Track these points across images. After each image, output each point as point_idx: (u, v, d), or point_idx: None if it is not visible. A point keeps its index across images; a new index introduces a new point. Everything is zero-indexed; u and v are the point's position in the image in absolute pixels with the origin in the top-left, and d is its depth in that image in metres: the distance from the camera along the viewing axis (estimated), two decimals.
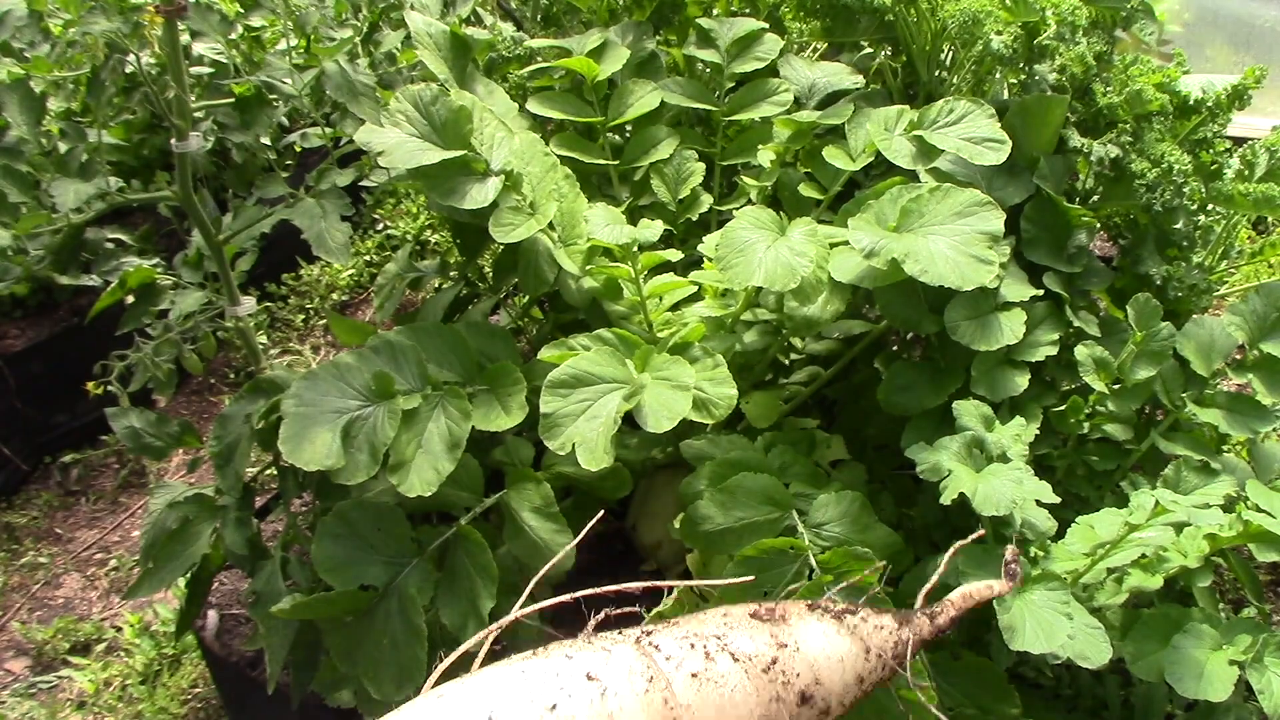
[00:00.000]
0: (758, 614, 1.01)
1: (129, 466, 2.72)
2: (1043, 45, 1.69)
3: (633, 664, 0.91)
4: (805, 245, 1.41)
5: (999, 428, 1.44)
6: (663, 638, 0.95)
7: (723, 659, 0.94)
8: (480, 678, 0.89)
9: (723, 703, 0.92)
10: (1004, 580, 1.15)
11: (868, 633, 1.04)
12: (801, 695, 0.97)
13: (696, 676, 0.92)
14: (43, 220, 1.71)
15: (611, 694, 0.88)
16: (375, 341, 1.44)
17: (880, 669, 1.04)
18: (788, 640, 0.99)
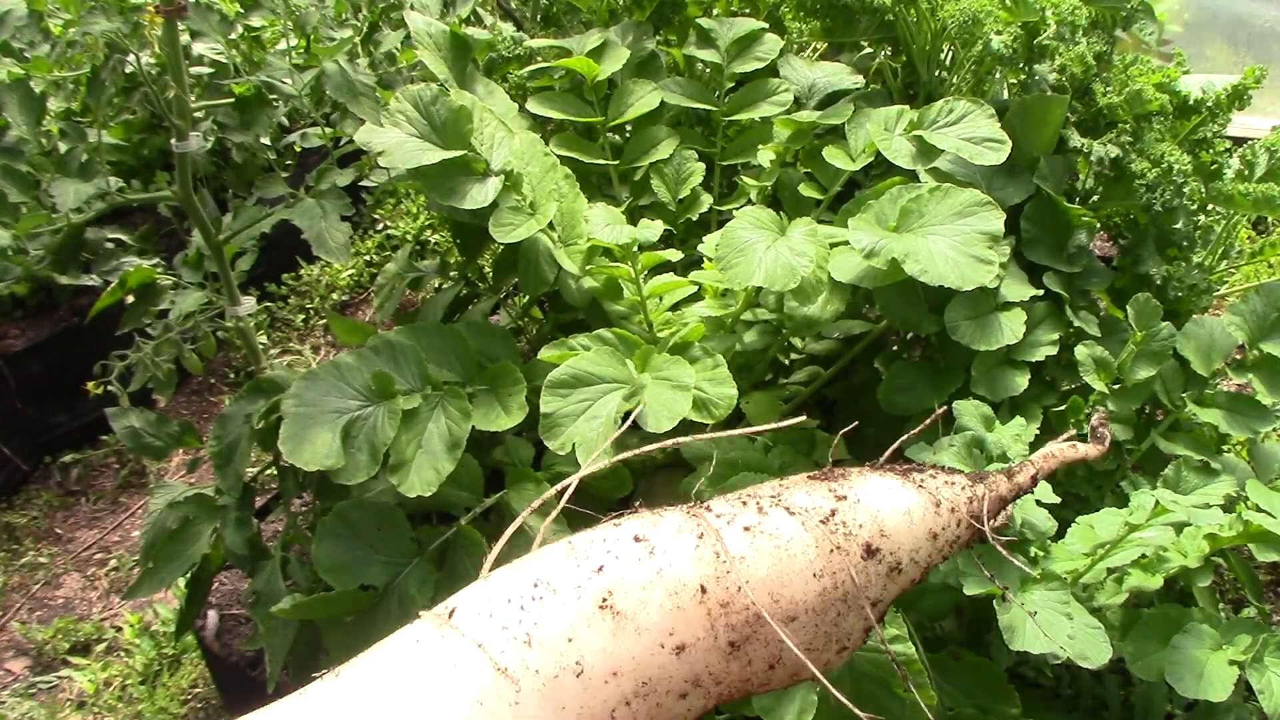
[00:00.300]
0: (815, 475, 0.95)
1: (129, 466, 2.72)
2: (1043, 45, 1.69)
3: (681, 523, 0.87)
4: (805, 245, 1.41)
5: (999, 428, 1.44)
6: (714, 501, 0.92)
7: (777, 513, 0.89)
8: (528, 557, 0.87)
9: (778, 554, 0.86)
10: (1093, 444, 1.06)
11: (937, 487, 0.96)
12: (866, 547, 0.90)
13: (749, 529, 0.87)
14: (43, 220, 1.71)
15: (660, 551, 0.84)
16: (375, 341, 1.44)
17: (955, 525, 0.96)
18: (847, 493, 0.92)
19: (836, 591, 0.87)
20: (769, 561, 0.85)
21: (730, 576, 0.83)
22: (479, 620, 0.79)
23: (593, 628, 0.80)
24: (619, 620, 0.80)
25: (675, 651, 0.82)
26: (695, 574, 0.83)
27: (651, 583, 0.82)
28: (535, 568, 0.83)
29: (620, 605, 0.80)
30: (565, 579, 0.81)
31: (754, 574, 0.83)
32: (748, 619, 0.83)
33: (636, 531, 0.85)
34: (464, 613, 0.81)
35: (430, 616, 0.82)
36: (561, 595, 0.80)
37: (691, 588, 0.82)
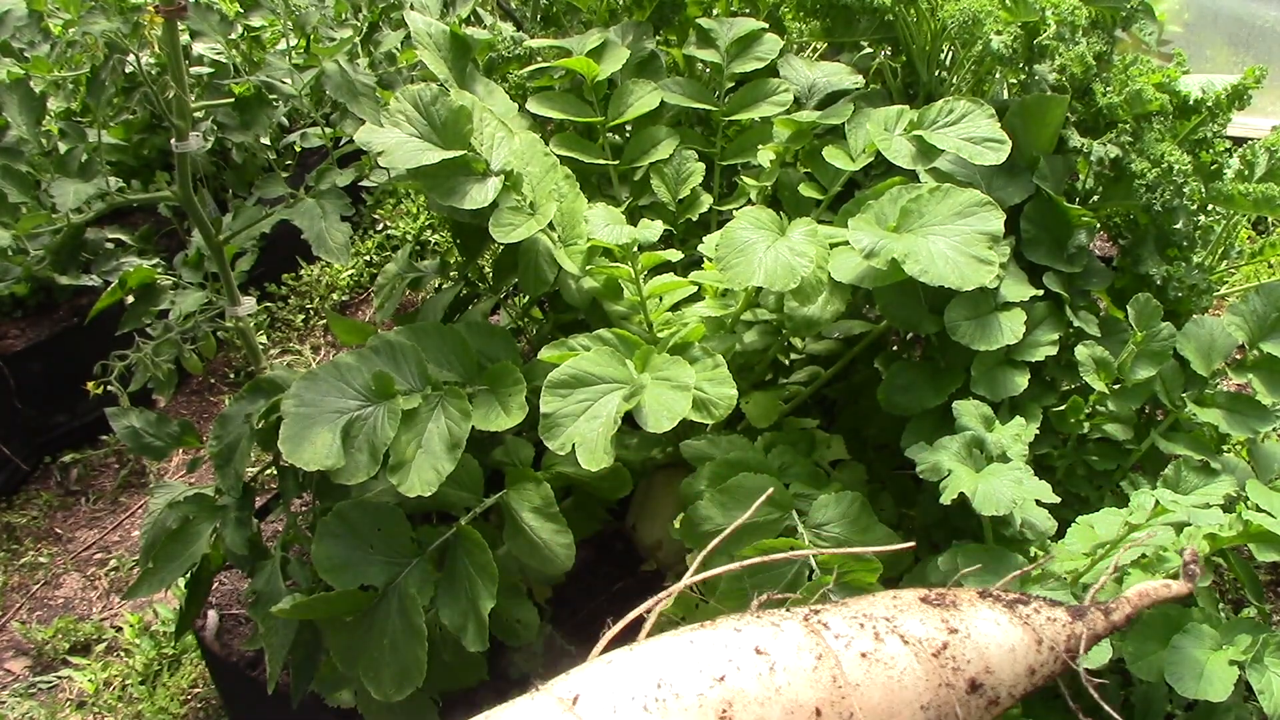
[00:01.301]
0: (927, 599, 0.98)
1: (129, 466, 2.72)
2: (1043, 45, 1.69)
3: (801, 640, 0.90)
4: (805, 245, 1.42)
5: (999, 428, 1.44)
6: (831, 616, 0.94)
7: (892, 640, 0.92)
8: (649, 646, 0.89)
9: (891, 684, 0.90)
10: (1184, 581, 1.10)
11: (1040, 624, 1.00)
12: (971, 683, 0.95)
13: (866, 656, 0.90)
14: (43, 220, 1.71)
15: (780, 668, 0.87)
16: (375, 341, 1.44)
17: (1052, 661, 1.00)
18: (959, 626, 0.96)
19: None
20: (881, 692, 0.88)
21: (845, 702, 0.86)
22: (604, 715, 0.82)
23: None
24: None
25: None
26: (812, 696, 0.85)
27: (770, 699, 0.84)
28: (658, 665, 0.85)
29: (739, 717, 0.83)
30: (688, 685, 0.83)
31: (867, 702, 0.86)
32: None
33: (758, 643, 0.88)
34: (588, 703, 0.83)
35: (554, 699, 0.84)
36: (684, 702, 0.83)
37: (808, 710, 0.85)
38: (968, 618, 0.97)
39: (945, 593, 0.99)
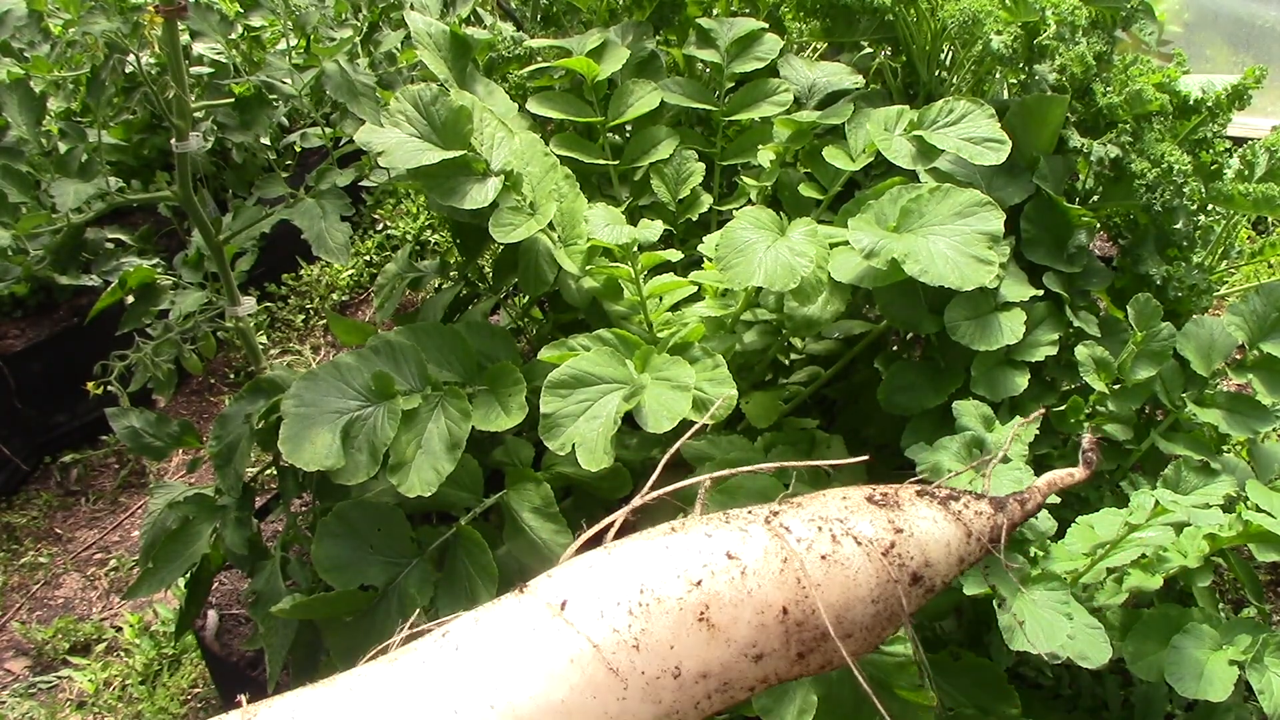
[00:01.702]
0: (873, 498, 1.07)
1: (129, 466, 2.72)
2: (1043, 45, 1.69)
3: (767, 544, 0.98)
4: (805, 245, 1.41)
5: (999, 428, 1.44)
6: (791, 519, 1.01)
7: (847, 542, 1.01)
8: (626, 549, 0.96)
9: (847, 582, 0.99)
10: (1082, 468, 1.20)
11: (969, 518, 1.10)
12: (914, 576, 1.04)
13: (825, 559, 0.98)
14: (43, 220, 1.71)
15: (751, 572, 0.95)
16: (375, 342, 1.44)
17: (978, 551, 1.11)
18: (903, 526, 1.05)
19: (885, 613, 1.02)
20: (839, 590, 0.98)
21: (808, 601, 0.96)
22: (591, 620, 0.89)
23: (691, 636, 0.91)
24: (713, 631, 0.92)
25: (755, 659, 0.94)
26: (780, 596, 0.95)
27: (743, 601, 0.93)
28: (638, 570, 0.92)
29: (715, 619, 0.92)
30: (668, 590, 0.92)
31: (827, 599, 0.96)
32: (816, 636, 0.97)
33: (729, 548, 0.96)
34: (576, 608, 0.90)
35: (543, 603, 0.91)
36: (665, 606, 0.91)
37: (776, 609, 0.94)
38: (910, 517, 1.06)
39: (889, 492, 1.09)
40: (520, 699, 0.85)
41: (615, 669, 0.88)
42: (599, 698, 0.88)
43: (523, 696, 0.85)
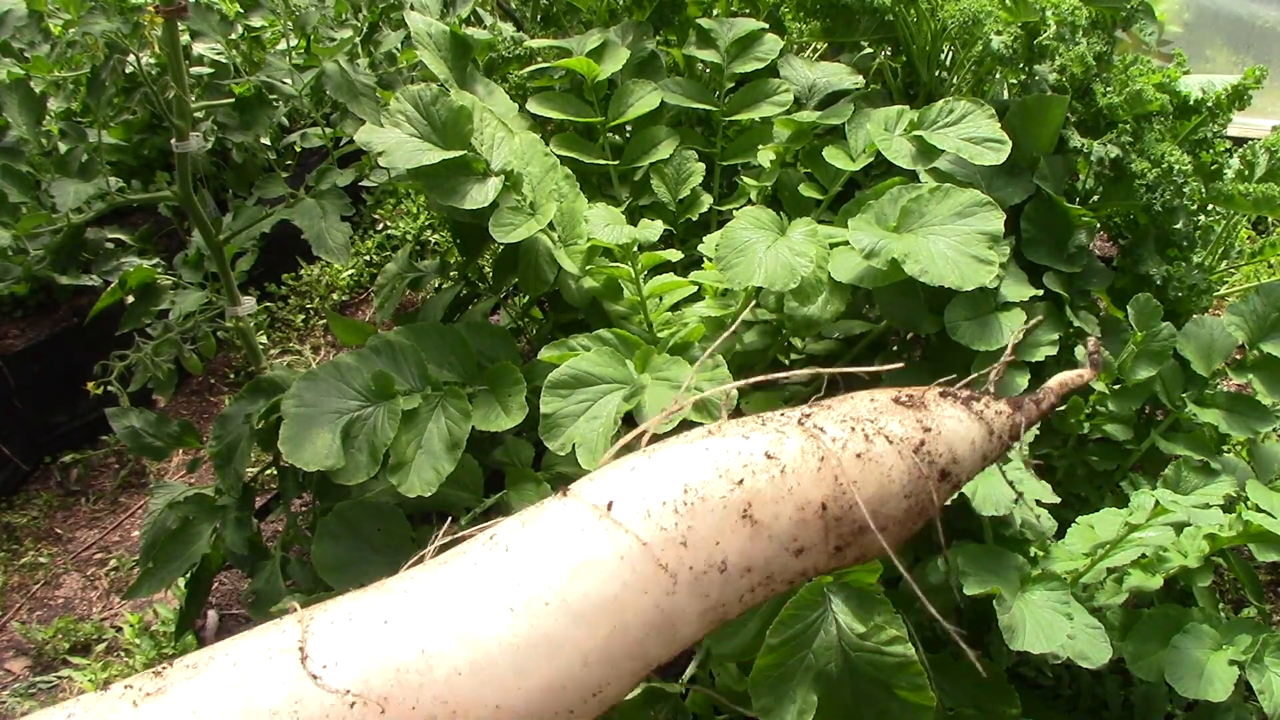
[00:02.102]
0: (899, 399, 1.12)
1: (129, 466, 2.72)
2: (1043, 45, 1.69)
3: (804, 444, 1.02)
4: (805, 245, 1.41)
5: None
6: (824, 421, 1.06)
7: (879, 441, 1.05)
8: (666, 453, 0.99)
9: (881, 479, 1.03)
10: (1089, 369, 1.25)
11: (990, 417, 1.16)
12: (942, 473, 1.09)
13: (860, 457, 1.03)
14: (43, 220, 1.72)
15: (790, 471, 0.99)
16: (375, 342, 1.44)
17: (999, 449, 1.17)
18: (931, 425, 1.10)
19: (917, 507, 1.07)
20: (875, 486, 1.03)
21: (845, 497, 1.01)
22: (638, 519, 0.93)
23: (735, 533, 0.95)
24: (756, 528, 0.96)
25: (795, 554, 0.99)
26: (819, 493, 0.99)
27: (784, 498, 0.98)
28: (681, 471, 0.96)
29: (758, 516, 0.96)
30: (711, 489, 0.96)
31: (863, 495, 1.01)
32: (853, 530, 1.01)
33: (767, 449, 1.00)
34: (622, 508, 0.94)
35: (588, 505, 0.94)
36: (709, 504, 0.95)
37: (815, 505, 0.99)
38: (937, 417, 1.11)
39: (914, 394, 1.13)
40: (574, 595, 0.88)
41: (664, 565, 0.91)
42: (650, 593, 0.91)
43: (576, 593, 0.88)
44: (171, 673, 0.86)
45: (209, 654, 0.87)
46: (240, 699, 0.82)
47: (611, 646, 0.90)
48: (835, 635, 1.14)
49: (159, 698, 0.83)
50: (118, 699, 0.83)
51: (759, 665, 1.13)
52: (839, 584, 1.18)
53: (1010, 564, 1.29)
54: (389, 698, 0.83)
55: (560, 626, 0.87)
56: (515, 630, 0.86)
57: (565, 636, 0.88)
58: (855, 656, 1.13)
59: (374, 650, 0.85)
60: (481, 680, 0.85)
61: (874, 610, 1.15)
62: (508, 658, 0.86)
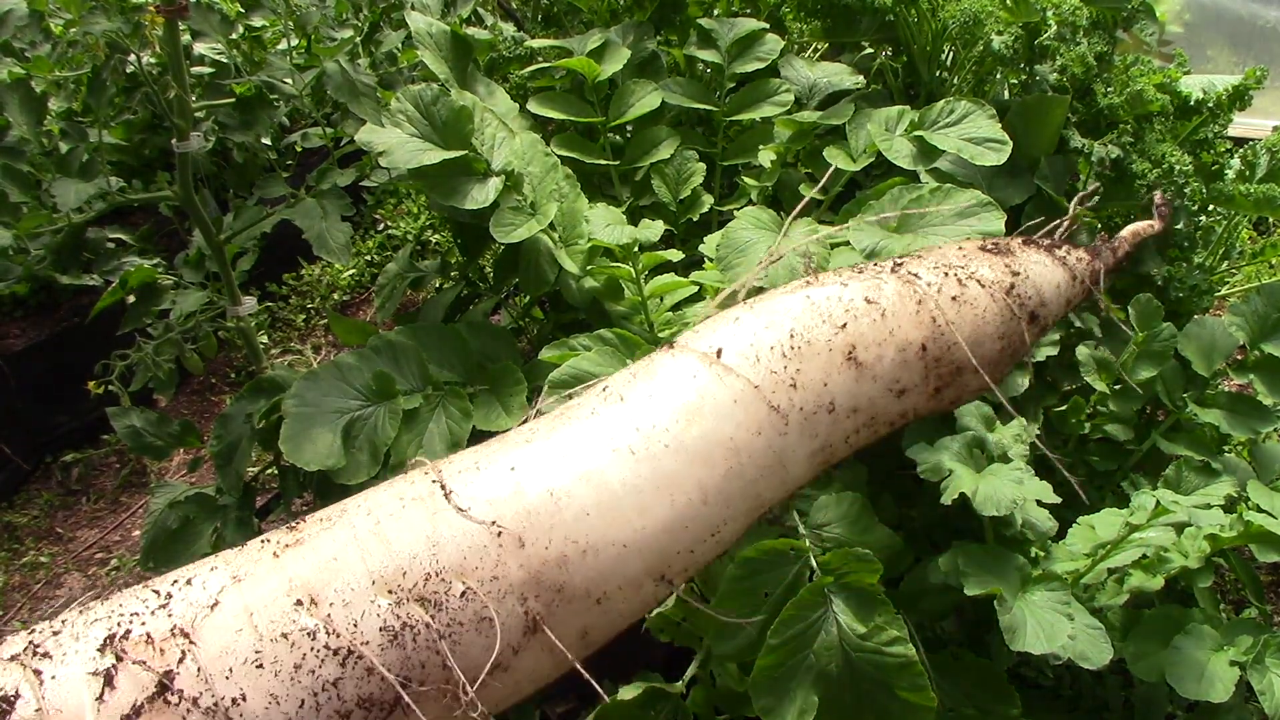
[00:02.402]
0: (985, 247, 1.16)
1: (130, 466, 2.72)
2: (1043, 45, 1.69)
3: (900, 289, 1.06)
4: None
5: (999, 428, 1.44)
6: (917, 267, 1.10)
7: (972, 285, 1.10)
8: (768, 304, 1.03)
9: (977, 320, 1.08)
10: (1157, 220, 1.36)
11: (1073, 263, 1.21)
12: (1031, 315, 1.14)
13: (955, 300, 1.08)
14: (44, 220, 1.72)
15: (889, 314, 1.03)
16: (376, 341, 1.44)
17: (1081, 293, 1.22)
18: (1019, 269, 1.14)
19: (1009, 349, 1.12)
20: (971, 327, 1.08)
21: (944, 338, 1.05)
22: (748, 364, 0.97)
23: (841, 375, 1.00)
24: (860, 369, 1.00)
25: (898, 395, 1.04)
26: (919, 335, 1.05)
27: (886, 340, 1.02)
28: (786, 318, 1.01)
29: (861, 358, 1.01)
30: (816, 334, 1.00)
31: (961, 336, 1.06)
32: (951, 370, 1.06)
33: (866, 294, 1.04)
34: (731, 355, 0.98)
35: (698, 354, 0.98)
36: (815, 348, 0.99)
37: (916, 346, 1.04)
38: (1024, 262, 1.15)
39: (998, 242, 1.17)
40: (690, 438, 0.91)
41: (776, 406, 0.95)
42: (763, 434, 0.95)
43: (693, 435, 0.91)
44: (306, 526, 0.89)
45: (340, 508, 0.90)
46: (378, 545, 0.84)
47: (728, 486, 0.94)
48: (836, 635, 1.14)
49: (298, 548, 0.86)
50: (257, 550, 0.86)
51: (759, 665, 1.13)
52: (839, 584, 1.18)
53: (1011, 564, 1.29)
54: (524, 537, 0.85)
55: (679, 467, 0.91)
56: (638, 472, 0.90)
57: (685, 477, 0.91)
58: (856, 657, 1.13)
59: (505, 494, 0.88)
60: (608, 520, 0.88)
61: (874, 610, 1.15)
62: (631, 498, 0.89)
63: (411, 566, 0.83)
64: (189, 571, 0.84)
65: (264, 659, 0.77)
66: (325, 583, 0.82)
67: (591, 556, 0.87)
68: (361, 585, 0.82)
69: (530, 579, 0.85)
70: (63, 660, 0.75)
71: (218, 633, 0.78)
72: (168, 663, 0.76)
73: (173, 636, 0.77)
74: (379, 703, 0.79)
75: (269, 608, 0.80)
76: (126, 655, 0.75)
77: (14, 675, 0.74)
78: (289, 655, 0.78)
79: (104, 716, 0.73)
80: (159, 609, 0.79)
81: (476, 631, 0.83)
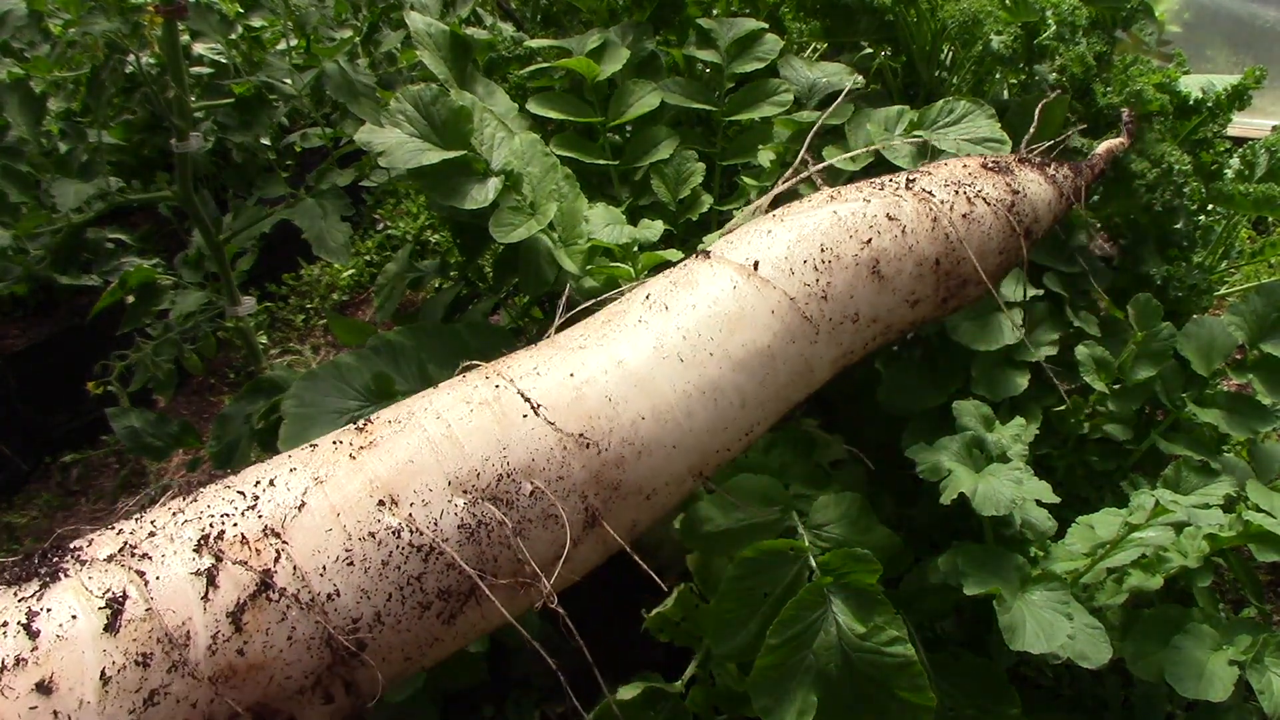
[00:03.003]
0: (987, 165, 1.24)
1: (129, 466, 2.72)
2: (1043, 45, 1.69)
3: (918, 207, 1.14)
4: None
5: (999, 428, 1.44)
6: (929, 185, 1.18)
7: (979, 204, 1.19)
8: (797, 219, 1.10)
9: (982, 236, 1.18)
10: (1125, 137, 1.43)
11: (1060, 180, 1.29)
12: (1027, 231, 1.24)
13: (965, 218, 1.16)
14: (43, 220, 1.72)
15: (909, 231, 1.12)
16: (375, 342, 1.44)
17: (1064, 208, 1.30)
18: (1019, 188, 1.23)
19: (1007, 262, 1.22)
20: (978, 242, 1.17)
21: (954, 255, 1.15)
22: (783, 277, 1.05)
23: (866, 287, 1.09)
24: (882, 282, 1.09)
25: (912, 305, 1.12)
26: (933, 250, 1.13)
27: (905, 255, 1.11)
28: (815, 234, 1.08)
29: (884, 271, 1.09)
30: (845, 249, 1.08)
31: (970, 251, 1.15)
32: (958, 283, 1.15)
33: (888, 211, 1.12)
34: (767, 267, 1.05)
35: (734, 266, 1.05)
36: (844, 262, 1.07)
37: (931, 261, 1.13)
38: (1022, 181, 1.23)
39: (999, 160, 1.25)
40: (734, 346, 0.99)
41: (809, 317, 1.04)
42: (796, 342, 1.03)
43: (735, 344, 0.99)
44: (376, 428, 0.93)
45: (406, 409, 0.94)
46: (451, 448, 0.89)
47: (764, 391, 1.02)
48: (835, 635, 1.14)
49: (374, 450, 0.90)
50: (332, 452, 0.90)
51: (759, 665, 1.13)
52: (839, 584, 1.18)
53: (1010, 564, 1.29)
54: (586, 439, 0.92)
55: (723, 374, 0.99)
56: (686, 378, 0.97)
57: (727, 383, 0.99)
58: (855, 657, 1.13)
59: (567, 399, 0.94)
60: (661, 424, 0.95)
61: (874, 610, 1.15)
62: (681, 403, 0.96)
63: (484, 468, 0.89)
64: (269, 471, 0.88)
65: (354, 557, 0.83)
66: (404, 484, 0.87)
67: (645, 457, 0.94)
68: (438, 486, 0.88)
69: (591, 478, 0.92)
70: (163, 561, 0.79)
71: (308, 533, 0.83)
72: (264, 562, 0.81)
73: (265, 537, 0.82)
74: (456, 593, 0.87)
75: (354, 509, 0.85)
76: (225, 555, 0.80)
77: (117, 576, 0.78)
78: (376, 553, 0.84)
79: (210, 614, 0.77)
80: (248, 510, 0.84)
81: (543, 527, 0.90)
